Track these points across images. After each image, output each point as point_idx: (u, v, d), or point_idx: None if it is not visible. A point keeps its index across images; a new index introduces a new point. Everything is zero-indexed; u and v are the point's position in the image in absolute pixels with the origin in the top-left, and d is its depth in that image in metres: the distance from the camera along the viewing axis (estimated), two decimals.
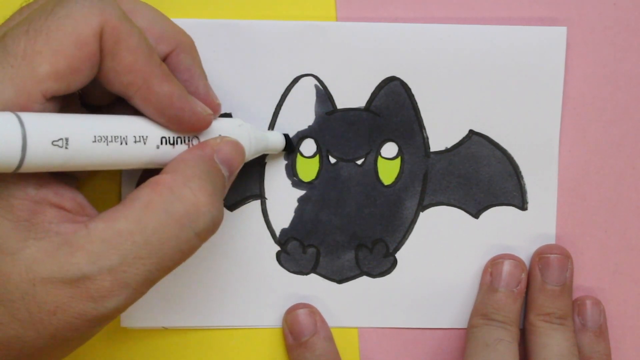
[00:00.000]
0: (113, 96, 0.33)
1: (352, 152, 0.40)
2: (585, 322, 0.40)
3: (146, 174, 0.36)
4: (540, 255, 0.40)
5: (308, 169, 0.40)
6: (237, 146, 0.34)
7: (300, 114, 0.40)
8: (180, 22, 0.39)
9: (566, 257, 0.40)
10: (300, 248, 0.41)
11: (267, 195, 0.40)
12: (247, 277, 0.41)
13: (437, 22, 0.39)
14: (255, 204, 0.40)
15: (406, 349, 0.41)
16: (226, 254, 0.40)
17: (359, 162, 0.40)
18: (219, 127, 0.35)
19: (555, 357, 0.38)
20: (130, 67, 0.30)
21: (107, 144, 0.30)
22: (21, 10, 0.33)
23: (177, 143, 0.33)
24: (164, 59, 0.33)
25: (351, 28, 0.39)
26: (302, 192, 0.40)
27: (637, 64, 0.40)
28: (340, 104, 0.40)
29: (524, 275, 0.40)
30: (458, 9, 0.40)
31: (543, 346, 0.38)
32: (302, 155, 0.40)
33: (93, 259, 0.29)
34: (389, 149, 0.40)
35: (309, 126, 0.40)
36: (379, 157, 0.40)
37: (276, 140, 0.39)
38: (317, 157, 0.40)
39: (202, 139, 0.34)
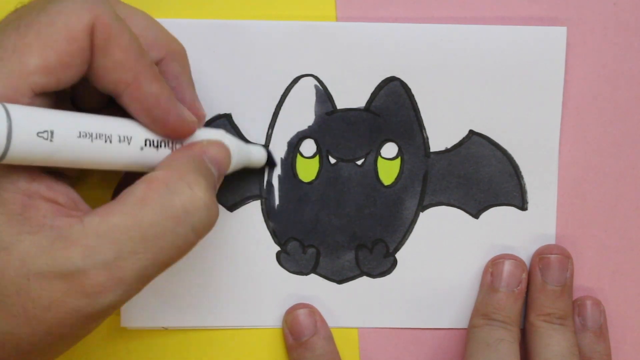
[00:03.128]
0: (103, 101, 0.34)
1: (352, 152, 0.40)
2: (585, 322, 0.40)
3: (126, 181, 0.36)
4: (541, 256, 0.40)
5: (308, 169, 0.40)
6: (223, 148, 0.34)
7: (300, 114, 0.40)
8: (180, 22, 0.39)
9: (566, 257, 0.40)
10: (300, 248, 0.41)
11: (267, 195, 0.40)
12: (247, 277, 0.41)
13: (437, 22, 0.39)
14: (255, 204, 0.40)
15: (406, 349, 0.41)
16: (226, 254, 0.40)
17: (359, 162, 0.40)
18: (203, 136, 0.35)
19: (555, 357, 0.38)
20: (120, 63, 0.30)
21: (92, 141, 0.30)
22: (15, 10, 0.33)
23: (160, 146, 0.33)
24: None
25: (351, 28, 0.39)
26: (302, 193, 0.40)
27: (637, 64, 0.40)
28: (340, 104, 0.40)
29: (524, 275, 0.40)
30: (458, 9, 0.40)
31: (543, 346, 0.38)
32: (302, 155, 0.40)
33: (88, 254, 0.28)
34: (389, 149, 0.40)
35: (309, 126, 0.40)
36: (379, 157, 0.40)
37: (258, 154, 0.39)
38: (317, 158, 0.40)
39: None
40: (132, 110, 0.32)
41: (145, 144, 0.32)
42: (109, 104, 0.33)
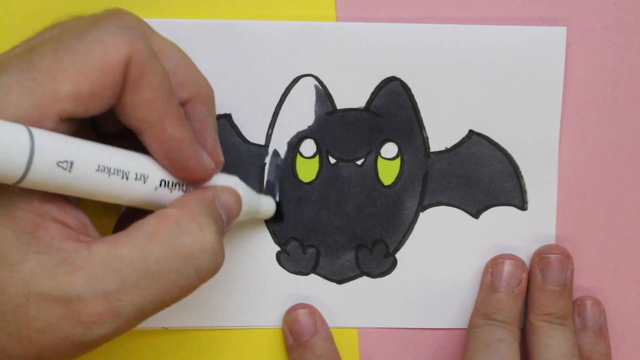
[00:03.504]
0: (122, 127, 0.33)
1: (352, 152, 0.40)
2: (585, 322, 0.40)
3: (126, 216, 0.36)
4: (541, 256, 0.40)
5: (308, 169, 0.40)
6: (235, 196, 0.35)
7: (300, 114, 0.40)
8: (180, 22, 0.39)
9: (566, 257, 0.40)
10: (300, 248, 0.41)
11: (266, 195, 0.40)
12: (247, 277, 0.41)
13: (437, 22, 0.39)
14: None
15: (406, 349, 0.41)
16: (226, 254, 0.40)
17: (359, 162, 0.40)
18: (218, 181, 0.35)
19: (555, 357, 0.38)
20: (148, 103, 0.30)
21: (109, 176, 0.30)
22: (52, 27, 0.33)
23: (174, 188, 0.33)
24: (181, 106, 0.33)
25: (351, 28, 0.39)
26: (302, 193, 0.40)
27: (637, 64, 0.40)
28: (340, 104, 0.40)
29: (524, 275, 0.40)
30: (458, 9, 0.40)
31: (544, 346, 0.38)
32: (302, 155, 0.40)
33: (90, 281, 0.28)
34: (389, 149, 0.40)
35: (309, 126, 0.40)
36: (379, 158, 0.40)
37: (268, 206, 0.39)
38: (317, 158, 0.40)
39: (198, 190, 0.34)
40: (152, 150, 0.32)
41: (160, 185, 0.32)
42: (127, 130, 0.32)
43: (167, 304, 0.30)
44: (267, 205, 0.39)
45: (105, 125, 0.34)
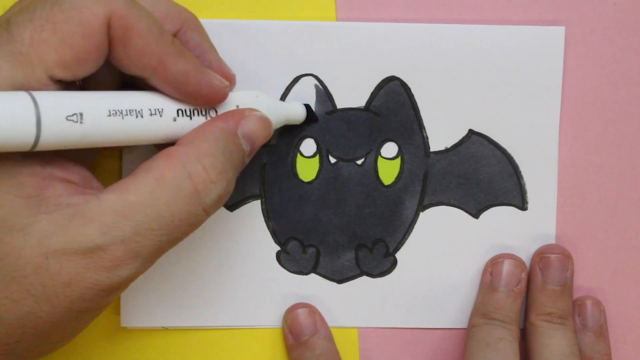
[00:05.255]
0: (119, 79, 0.34)
1: (352, 152, 0.40)
2: (585, 322, 0.40)
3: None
4: (541, 255, 0.40)
5: (308, 169, 0.40)
6: (263, 122, 0.34)
7: None
8: None
9: (567, 257, 0.40)
10: (300, 248, 0.41)
11: (267, 195, 0.40)
12: (247, 277, 0.41)
13: (437, 22, 0.39)
14: (255, 204, 0.40)
15: (406, 349, 0.41)
16: (226, 254, 0.40)
17: (359, 162, 0.40)
18: (236, 99, 0.35)
19: (556, 356, 0.38)
20: (142, 51, 0.30)
21: (123, 118, 0.30)
22: (20, 0, 0.33)
23: (194, 115, 0.33)
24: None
25: (351, 28, 0.39)
26: (302, 192, 0.40)
27: (636, 64, 0.40)
28: (340, 103, 0.40)
29: (524, 275, 0.40)
30: (458, 9, 0.40)
31: (544, 346, 0.38)
32: (302, 155, 0.40)
33: (105, 230, 0.29)
34: (389, 148, 0.40)
35: (309, 126, 0.40)
36: (379, 157, 0.40)
37: (296, 110, 0.39)
38: (317, 157, 0.40)
39: (219, 111, 0.34)
40: (163, 89, 0.32)
41: (178, 114, 0.32)
42: (130, 80, 0.33)
43: (181, 239, 0.31)
44: (295, 111, 0.39)
45: (103, 81, 0.34)
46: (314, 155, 0.40)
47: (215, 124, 0.33)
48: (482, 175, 0.40)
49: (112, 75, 0.34)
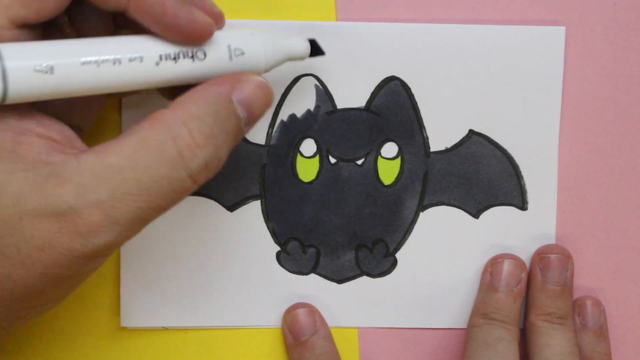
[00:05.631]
0: (109, 27, 0.32)
1: (352, 152, 0.40)
2: (585, 322, 0.40)
3: None
4: (541, 255, 0.40)
5: (308, 169, 0.40)
6: (262, 88, 0.32)
7: (301, 113, 0.40)
8: None
9: (567, 257, 0.40)
10: (300, 248, 0.41)
11: (267, 195, 0.40)
12: (247, 277, 0.41)
13: (437, 22, 0.39)
14: (255, 204, 0.40)
15: (406, 349, 0.41)
16: (226, 254, 0.40)
17: (359, 162, 0.40)
18: (227, 38, 0.32)
19: (556, 356, 0.38)
20: None
21: (98, 66, 0.29)
22: None
23: (179, 57, 0.31)
24: None
25: (351, 28, 0.39)
26: (302, 192, 0.40)
27: (636, 64, 0.40)
28: (340, 103, 0.40)
29: (523, 275, 0.40)
30: (458, 9, 0.40)
31: (544, 346, 0.38)
32: (302, 155, 0.40)
33: (81, 191, 0.28)
34: (389, 148, 0.40)
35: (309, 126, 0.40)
36: (379, 157, 0.40)
37: (298, 46, 0.35)
38: (317, 157, 0.40)
39: (208, 52, 0.32)
40: (141, 23, 0.30)
41: (161, 59, 0.31)
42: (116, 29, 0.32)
43: (165, 207, 0.30)
44: (297, 46, 0.35)
45: (89, 28, 0.32)
46: (314, 156, 0.40)
47: (208, 87, 0.31)
48: (482, 175, 0.40)
49: (90, 24, 0.32)
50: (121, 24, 0.33)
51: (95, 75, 0.29)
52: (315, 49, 0.36)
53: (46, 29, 0.30)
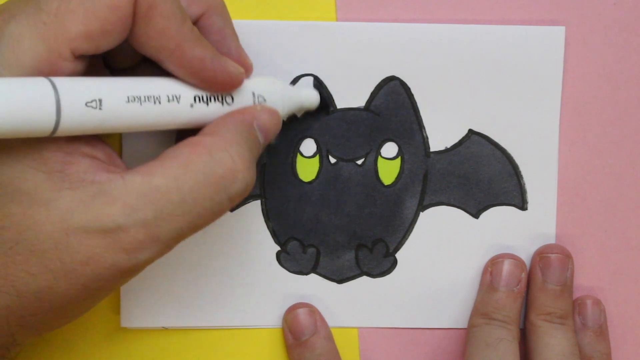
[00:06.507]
0: (137, 59, 0.34)
1: (352, 152, 0.40)
2: (585, 322, 0.40)
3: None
4: (541, 255, 0.40)
5: (308, 169, 0.40)
6: (275, 115, 0.35)
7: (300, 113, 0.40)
8: None
9: (567, 257, 0.40)
10: (300, 248, 0.41)
11: (267, 195, 0.40)
12: (247, 277, 0.41)
13: (437, 22, 0.39)
14: (255, 204, 0.40)
15: (406, 349, 0.41)
16: (226, 254, 0.40)
17: (359, 162, 0.40)
18: (252, 85, 0.35)
19: (556, 356, 0.38)
20: (162, 32, 0.31)
21: (141, 104, 0.30)
22: None
23: (210, 101, 0.33)
24: (196, 21, 0.34)
25: (351, 28, 0.39)
26: (302, 192, 0.40)
27: (637, 64, 0.40)
28: (340, 103, 0.40)
29: (524, 275, 0.40)
30: (458, 9, 0.40)
31: (544, 346, 0.38)
32: (302, 155, 0.40)
33: (128, 212, 0.29)
34: (389, 148, 0.40)
35: (309, 126, 0.40)
36: (379, 157, 0.40)
37: (310, 97, 0.39)
38: (317, 157, 0.40)
39: (235, 98, 0.34)
40: (178, 74, 0.32)
41: (195, 101, 0.32)
42: (143, 60, 0.33)
43: (201, 227, 0.31)
44: (308, 97, 0.39)
45: (119, 61, 0.34)
46: (314, 156, 0.40)
47: (234, 116, 0.33)
48: (482, 175, 0.40)
49: (124, 59, 0.34)
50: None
51: (138, 112, 0.30)
52: (323, 101, 0.39)
53: (87, 59, 0.31)
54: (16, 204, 0.29)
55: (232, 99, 0.34)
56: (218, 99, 0.33)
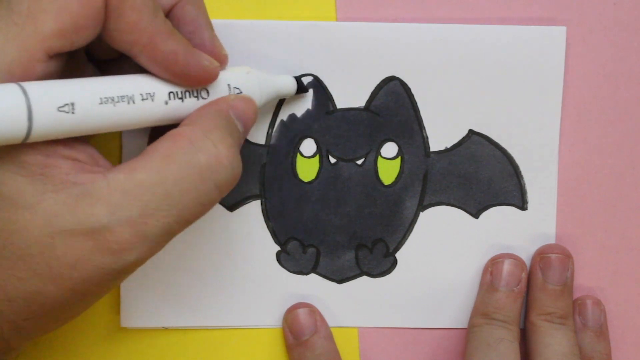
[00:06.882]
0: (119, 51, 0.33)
1: (352, 152, 0.40)
2: (586, 322, 0.40)
3: (155, 133, 0.36)
4: (542, 255, 0.40)
5: (308, 169, 0.40)
6: (250, 102, 0.34)
7: (300, 113, 0.40)
8: None
9: (567, 257, 0.40)
10: (300, 248, 0.41)
11: (267, 195, 0.40)
12: (247, 277, 0.41)
13: (437, 22, 0.39)
14: (255, 204, 0.40)
15: (406, 349, 0.41)
16: (226, 254, 0.40)
17: (359, 162, 0.40)
18: (227, 77, 0.34)
19: (556, 356, 0.38)
20: (134, 25, 0.30)
21: (115, 105, 0.30)
22: None
23: (185, 97, 0.32)
24: (169, 11, 0.33)
25: (351, 28, 0.39)
26: (302, 192, 0.40)
27: (637, 64, 0.40)
28: (340, 103, 0.40)
29: (524, 275, 0.40)
30: (458, 9, 0.40)
31: (544, 346, 0.38)
32: (302, 155, 0.40)
33: (112, 210, 0.28)
34: (389, 148, 0.40)
35: (309, 126, 0.40)
36: (379, 157, 0.40)
37: (286, 83, 0.38)
38: (317, 157, 0.40)
39: (211, 91, 0.33)
40: (151, 69, 0.32)
41: (170, 97, 0.32)
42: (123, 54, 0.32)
43: (191, 221, 0.31)
44: (285, 84, 0.38)
45: (101, 53, 0.34)
46: (314, 155, 0.40)
47: (209, 107, 0.33)
48: (482, 175, 0.40)
49: (106, 51, 0.33)
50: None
51: (112, 113, 0.30)
52: (300, 88, 0.39)
53: (63, 56, 0.31)
54: (0, 209, 0.28)
55: (208, 92, 0.33)
56: (193, 94, 0.33)
